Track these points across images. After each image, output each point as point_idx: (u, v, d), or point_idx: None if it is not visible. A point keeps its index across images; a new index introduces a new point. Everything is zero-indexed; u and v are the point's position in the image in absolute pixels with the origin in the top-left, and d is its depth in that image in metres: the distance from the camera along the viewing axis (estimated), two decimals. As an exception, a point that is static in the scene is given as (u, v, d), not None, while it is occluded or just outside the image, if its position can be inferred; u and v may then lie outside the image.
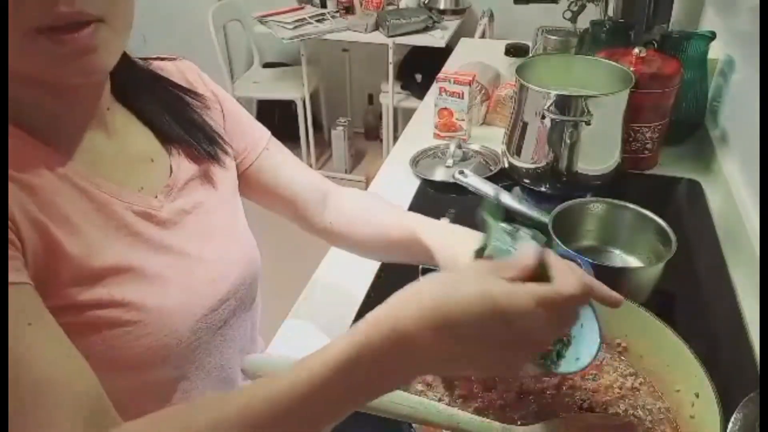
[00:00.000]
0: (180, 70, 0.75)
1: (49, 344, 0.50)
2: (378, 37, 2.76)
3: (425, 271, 0.94)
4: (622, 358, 0.70)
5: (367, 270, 0.97)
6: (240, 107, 0.82)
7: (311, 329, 0.89)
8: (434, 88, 1.38)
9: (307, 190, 0.83)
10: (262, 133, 0.83)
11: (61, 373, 0.49)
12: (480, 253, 0.56)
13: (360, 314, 0.89)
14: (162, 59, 0.74)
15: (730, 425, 0.58)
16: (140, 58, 0.71)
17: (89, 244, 0.58)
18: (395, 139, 2.83)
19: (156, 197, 0.66)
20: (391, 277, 0.96)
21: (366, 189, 1.24)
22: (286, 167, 0.83)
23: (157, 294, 0.62)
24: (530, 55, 1.58)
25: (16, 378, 0.47)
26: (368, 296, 0.92)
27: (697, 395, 0.60)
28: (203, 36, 2.77)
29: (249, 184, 0.81)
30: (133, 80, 0.68)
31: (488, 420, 0.58)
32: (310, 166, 3.21)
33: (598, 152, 1.08)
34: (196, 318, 0.66)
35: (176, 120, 0.70)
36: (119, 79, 0.65)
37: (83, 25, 0.51)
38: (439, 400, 0.65)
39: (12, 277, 0.49)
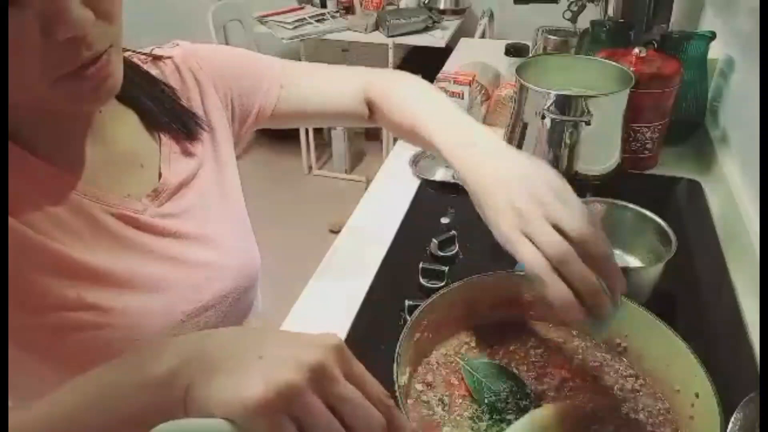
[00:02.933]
0: (174, 67, 0.73)
1: None
2: (378, 37, 2.76)
3: (425, 271, 0.94)
4: (622, 358, 0.70)
5: (367, 270, 0.97)
6: (244, 59, 0.80)
7: (310, 328, 0.89)
8: (434, 88, 1.38)
9: (341, 101, 0.82)
10: (273, 71, 0.81)
11: None
12: None
13: (360, 314, 0.89)
14: (157, 57, 0.72)
15: (730, 425, 0.58)
16: (135, 51, 0.70)
17: (64, 245, 0.57)
18: (395, 139, 2.83)
19: (140, 201, 0.65)
20: (391, 278, 0.96)
21: (366, 189, 1.24)
22: (310, 89, 0.82)
23: (131, 299, 0.61)
24: (530, 55, 1.58)
25: None
26: (368, 297, 0.92)
27: (697, 395, 0.60)
28: (203, 36, 2.77)
29: (280, 120, 0.82)
30: (126, 76, 0.66)
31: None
32: (310, 166, 3.25)
33: (598, 152, 1.08)
34: (172, 324, 0.64)
35: (162, 109, 0.69)
36: None
37: (100, 56, 0.51)
38: (440, 399, 0.65)
39: None
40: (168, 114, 0.69)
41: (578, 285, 0.53)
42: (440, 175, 1.22)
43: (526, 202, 0.56)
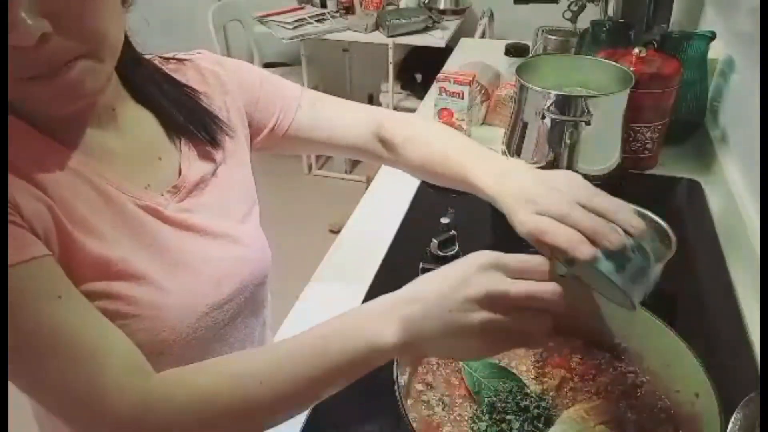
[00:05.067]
0: (197, 68, 0.75)
1: (82, 314, 0.55)
2: (378, 37, 2.76)
3: (425, 271, 0.94)
4: (622, 358, 0.70)
5: (367, 270, 0.97)
6: (266, 77, 0.83)
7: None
8: (434, 88, 1.38)
9: (352, 133, 0.83)
10: (293, 93, 0.83)
11: (100, 341, 0.54)
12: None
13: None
14: (179, 60, 0.75)
15: (730, 425, 0.58)
16: (159, 56, 0.73)
17: (95, 235, 0.59)
18: (395, 139, 2.82)
19: (162, 195, 0.66)
20: (391, 278, 0.96)
21: (366, 189, 1.24)
22: (324, 118, 0.83)
23: (156, 290, 0.62)
24: (530, 55, 1.58)
25: (54, 350, 0.51)
26: (368, 297, 0.92)
27: (697, 395, 0.60)
28: (203, 36, 2.77)
29: (291, 143, 0.83)
30: (145, 78, 0.69)
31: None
32: (310, 166, 3.25)
33: (598, 152, 1.08)
34: (196, 316, 0.66)
35: (183, 112, 0.71)
36: (132, 77, 0.67)
37: (67, 64, 0.52)
38: (440, 399, 0.65)
39: (32, 251, 0.52)
40: (189, 117, 0.71)
41: (584, 225, 0.54)
42: (440, 175, 1.22)
43: (542, 193, 0.59)
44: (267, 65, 3.25)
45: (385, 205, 1.17)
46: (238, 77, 0.79)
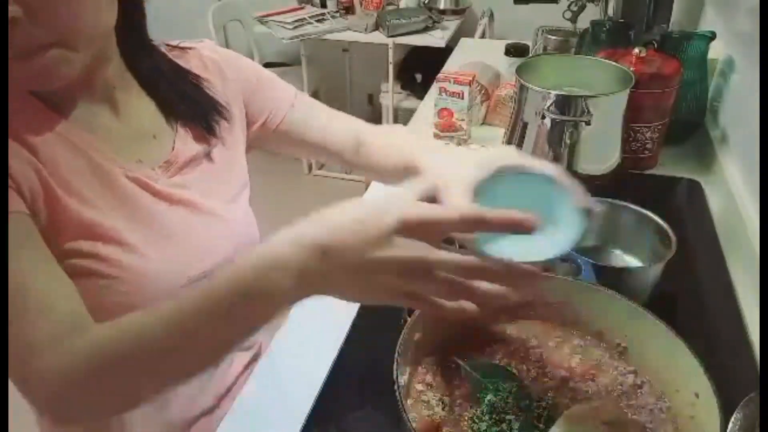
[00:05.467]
0: (199, 56, 0.79)
1: (37, 269, 0.57)
2: (378, 37, 2.76)
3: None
4: (622, 358, 0.70)
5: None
6: (262, 74, 0.86)
7: (311, 328, 0.89)
8: (434, 88, 1.38)
9: (337, 138, 0.86)
10: (287, 92, 0.86)
11: (45, 297, 0.56)
12: None
13: (360, 314, 0.89)
14: (183, 48, 0.78)
15: (730, 425, 0.58)
16: (166, 43, 0.76)
17: (82, 200, 0.62)
18: (395, 139, 2.83)
19: (153, 170, 0.69)
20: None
21: (366, 189, 1.24)
22: (314, 120, 0.86)
23: (140, 257, 0.65)
24: (530, 55, 1.58)
25: (12, 296, 0.54)
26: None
27: (697, 395, 0.60)
28: (203, 36, 2.76)
29: (281, 139, 0.86)
30: (151, 67, 0.71)
31: None
32: (310, 166, 3.25)
33: (598, 152, 1.08)
34: (176, 286, 0.67)
35: (185, 100, 0.73)
36: (139, 66, 0.70)
37: (39, 51, 0.54)
38: (440, 399, 0.65)
39: (10, 205, 0.56)
40: (189, 105, 0.73)
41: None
42: (440, 175, 1.22)
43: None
44: (267, 65, 3.25)
45: (385, 205, 1.17)
46: (236, 67, 0.83)
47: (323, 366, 0.81)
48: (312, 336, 0.88)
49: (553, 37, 1.56)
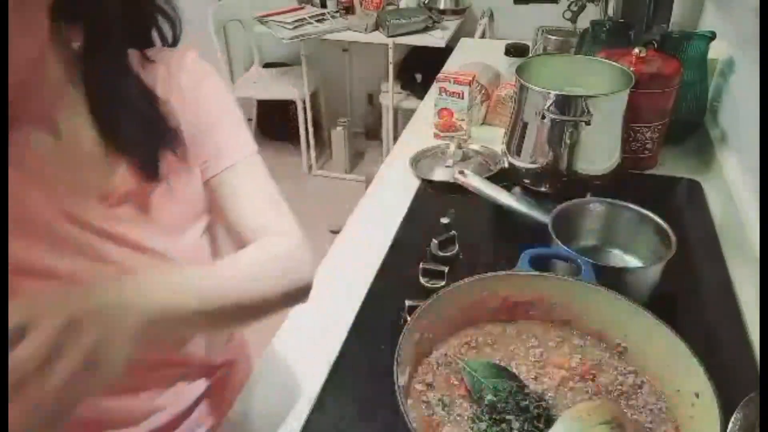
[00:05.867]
0: (167, 67, 0.70)
1: None
2: (378, 37, 2.76)
3: (425, 271, 0.94)
4: (622, 358, 0.70)
5: (367, 270, 0.97)
6: (229, 115, 0.75)
7: (310, 330, 0.89)
8: (434, 88, 1.38)
9: (246, 228, 0.73)
10: (242, 148, 0.75)
11: None
12: None
13: (360, 314, 0.89)
14: (153, 61, 0.70)
15: (730, 425, 0.58)
16: (144, 52, 0.69)
17: (11, 243, 0.59)
18: (395, 139, 2.83)
19: (88, 202, 0.65)
20: (391, 278, 0.96)
21: (366, 189, 1.24)
22: (241, 197, 0.73)
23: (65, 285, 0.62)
24: (530, 55, 1.58)
25: None
26: (368, 297, 0.92)
27: (697, 395, 0.60)
28: (203, 36, 2.77)
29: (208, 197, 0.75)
30: (109, 91, 0.65)
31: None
32: (310, 166, 3.25)
33: (598, 152, 1.08)
34: None
35: (131, 129, 0.66)
36: (96, 88, 0.64)
37: None
38: (440, 399, 0.65)
39: None
40: (135, 137, 0.66)
41: None
42: (440, 175, 1.22)
43: None
44: (267, 65, 3.25)
45: (385, 205, 1.17)
46: (203, 96, 0.72)
47: (323, 366, 0.81)
48: (312, 336, 0.88)
49: (553, 37, 1.56)
